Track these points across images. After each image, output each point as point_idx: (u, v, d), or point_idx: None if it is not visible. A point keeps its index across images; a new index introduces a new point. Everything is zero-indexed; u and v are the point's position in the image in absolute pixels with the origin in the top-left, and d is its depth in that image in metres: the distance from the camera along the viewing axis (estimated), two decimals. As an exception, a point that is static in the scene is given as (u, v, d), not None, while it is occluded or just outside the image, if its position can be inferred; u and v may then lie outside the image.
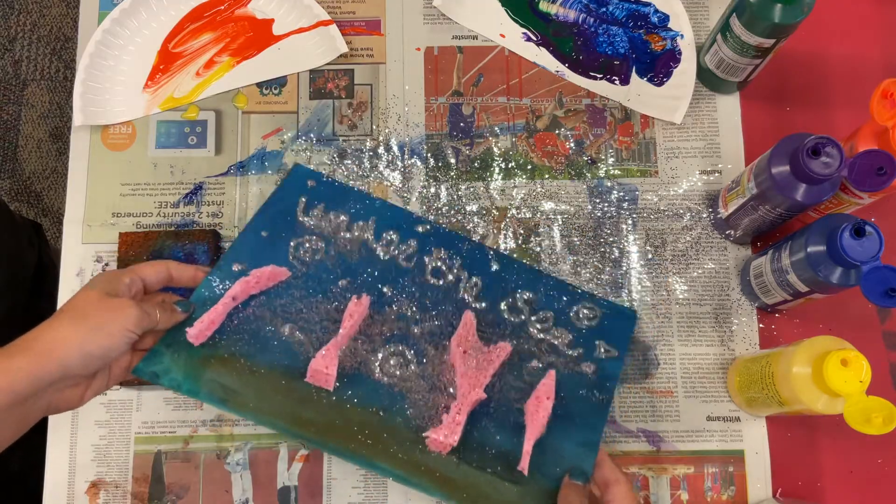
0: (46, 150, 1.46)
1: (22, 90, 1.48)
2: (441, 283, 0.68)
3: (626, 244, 0.72)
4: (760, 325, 0.70)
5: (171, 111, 0.75)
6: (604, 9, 0.78)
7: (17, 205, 1.44)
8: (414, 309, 0.66)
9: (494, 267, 0.69)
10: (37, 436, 0.68)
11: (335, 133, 0.75)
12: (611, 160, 0.74)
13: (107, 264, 0.71)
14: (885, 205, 0.71)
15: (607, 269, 0.71)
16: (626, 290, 0.71)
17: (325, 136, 0.75)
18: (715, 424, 0.68)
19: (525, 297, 0.68)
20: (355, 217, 0.70)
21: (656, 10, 0.77)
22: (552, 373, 0.64)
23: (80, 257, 0.72)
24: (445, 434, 0.59)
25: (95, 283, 0.55)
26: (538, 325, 0.67)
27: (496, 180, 0.74)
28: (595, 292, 0.70)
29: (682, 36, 0.76)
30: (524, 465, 0.59)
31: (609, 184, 0.74)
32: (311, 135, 0.75)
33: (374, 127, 0.75)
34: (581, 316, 0.68)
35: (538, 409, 0.62)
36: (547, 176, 0.74)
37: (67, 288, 0.71)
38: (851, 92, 0.75)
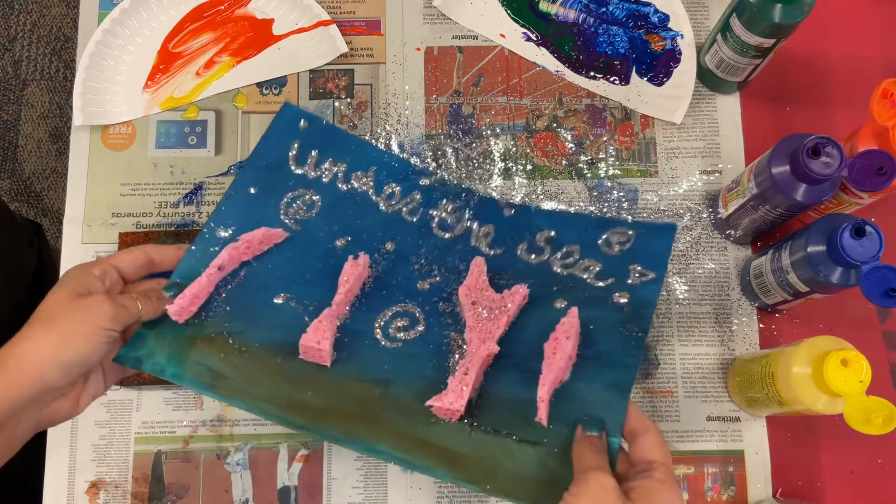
0: (46, 150, 1.46)
1: (22, 90, 1.48)
2: (449, 235, 0.62)
3: (626, 244, 0.72)
4: (760, 325, 0.70)
5: (171, 111, 0.75)
6: (604, 9, 0.78)
7: (17, 205, 1.44)
8: (421, 262, 0.60)
9: (508, 213, 0.63)
10: (37, 436, 0.68)
11: (335, 133, 0.75)
12: (611, 160, 0.74)
13: (107, 264, 0.71)
14: (885, 205, 0.71)
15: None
16: (626, 290, 0.71)
17: (325, 136, 0.75)
18: (715, 424, 0.68)
19: (546, 235, 0.62)
20: (354, 166, 0.63)
21: (656, 10, 0.77)
22: (574, 310, 0.56)
23: (80, 257, 0.72)
24: (451, 399, 0.53)
25: (64, 283, 0.49)
26: (562, 262, 0.60)
27: (496, 180, 0.74)
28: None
29: (682, 36, 0.76)
30: (542, 415, 0.52)
31: (609, 184, 0.74)
32: (311, 135, 0.75)
33: (374, 127, 0.75)
34: (612, 242, 0.61)
35: (556, 350, 0.54)
36: (547, 176, 0.74)
37: (67, 288, 0.71)
38: (851, 92, 0.75)
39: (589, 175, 0.74)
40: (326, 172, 0.64)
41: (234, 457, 0.68)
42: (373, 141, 0.75)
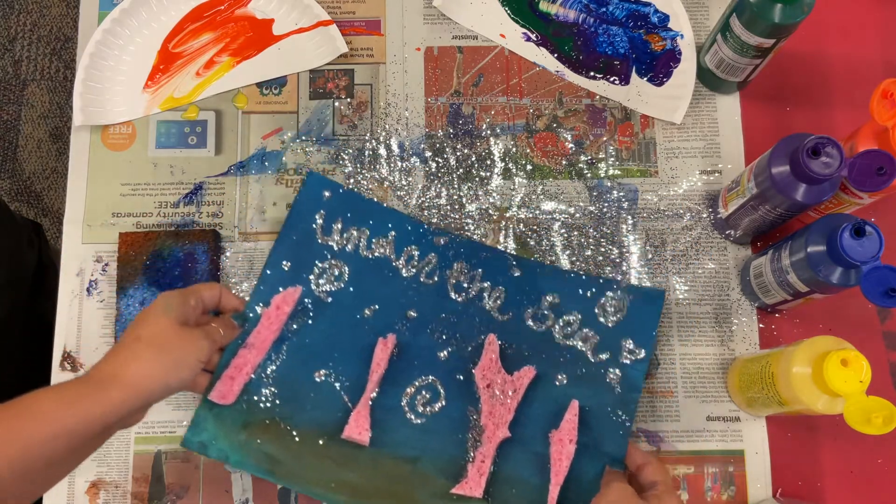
0: (46, 150, 1.46)
1: (22, 90, 1.48)
2: (463, 297, 0.68)
3: (626, 244, 0.72)
4: (760, 325, 0.70)
5: (171, 111, 0.75)
6: (604, 9, 0.78)
7: (17, 205, 1.44)
8: (439, 331, 0.67)
9: (517, 273, 0.69)
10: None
11: (335, 133, 0.75)
12: (611, 160, 0.74)
13: (107, 264, 0.71)
14: (885, 205, 0.71)
15: (607, 269, 0.71)
16: (626, 290, 0.71)
17: (325, 136, 0.75)
18: (715, 424, 0.68)
19: (550, 299, 0.68)
20: (374, 231, 0.69)
21: (656, 10, 0.77)
22: (575, 404, 0.64)
23: (80, 257, 0.72)
24: (472, 487, 0.62)
25: (169, 311, 0.57)
26: (565, 330, 0.67)
27: (496, 180, 0.74)
28: (620, 280, 0.70)
29: (682, 36, 0.76)
30: None
31: (609, 184, 0.74)
32: (311, 135, 0.75)
33: (374, 127, 0.75)
34: (608, 309, 0.67)
35: (561, 455, 0.63)
36: (547, 176, 0.74)
37: (67, 288, 0.71)
38: (851, 92, 0.75)
39: (589, 175, 0.74)
40: (351, 241, 0.69)
41: (234, 457, 0.67)
42: (373, 141, 0.75)
